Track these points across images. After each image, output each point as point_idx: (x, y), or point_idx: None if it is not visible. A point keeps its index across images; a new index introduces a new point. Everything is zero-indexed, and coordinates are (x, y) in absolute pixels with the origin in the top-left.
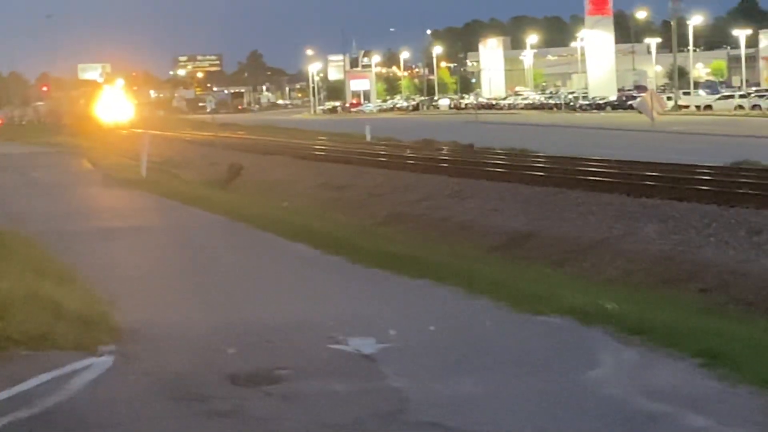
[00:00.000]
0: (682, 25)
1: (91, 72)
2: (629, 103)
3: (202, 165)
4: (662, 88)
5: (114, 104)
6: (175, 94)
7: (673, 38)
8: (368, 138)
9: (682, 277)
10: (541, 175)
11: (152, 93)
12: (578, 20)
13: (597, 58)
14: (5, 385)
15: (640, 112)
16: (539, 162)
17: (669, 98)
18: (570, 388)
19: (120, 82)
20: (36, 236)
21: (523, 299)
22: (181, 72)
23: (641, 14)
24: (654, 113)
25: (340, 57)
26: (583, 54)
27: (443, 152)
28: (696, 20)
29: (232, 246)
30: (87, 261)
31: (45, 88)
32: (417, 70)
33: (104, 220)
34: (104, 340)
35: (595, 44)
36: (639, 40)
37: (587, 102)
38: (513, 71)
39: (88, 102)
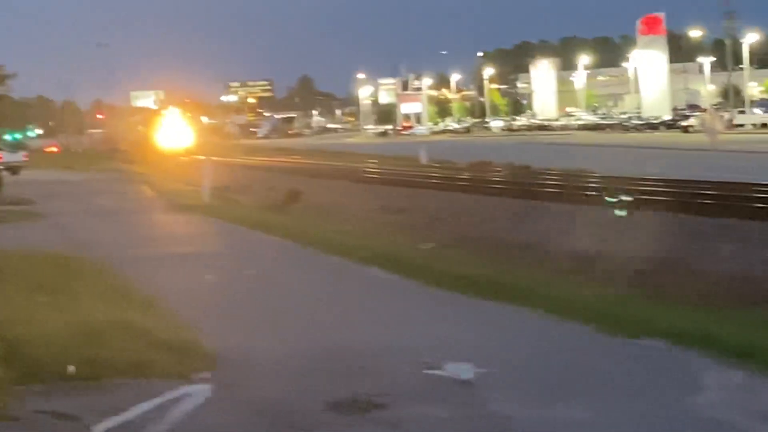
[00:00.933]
0: (734, 44)
1: (144, 99)
2: (682, 123)
3: (260, 190)
4: (716, 107)
5: (174, 130)
6: (227, 120)
7: (728, 57)
8: (423, 161)
9: (765, 298)
10: (602, 196)
11: (204, 119)
12: (628, 40)
13: (650, 77)
14: (107, 414)
15: (699, 131)
16: (602, 183)
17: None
18: (678, 413)
19: (177, 109)
20: (106, 263)
21: (613, 322)
22: (233, 98)
23: (695, 33)
24: (715, 132)
25: (391, 80)
26: (635, 74)
27: (501, 174)
28: (751, 38)
29: (306, 271)
30: (162, 287)
31: (100, 116)
32: (467, 92)
33: (173, 246)
34: (198, 367)
35: (648, 64)
36: (690, 60)
37: (641, 122)
38: (564, 92)
39: (146, 128)
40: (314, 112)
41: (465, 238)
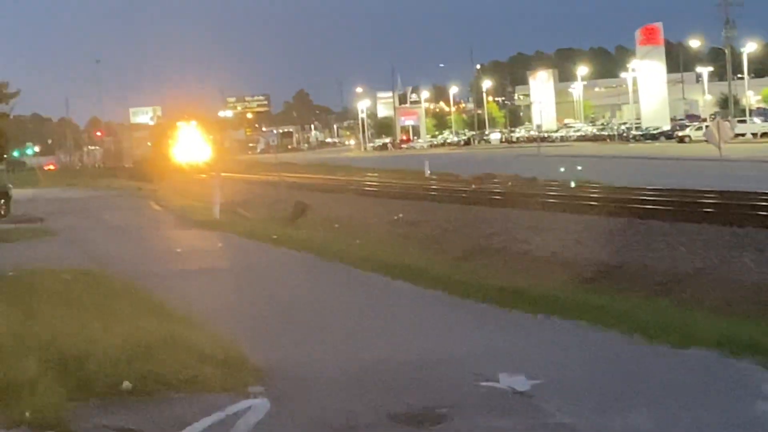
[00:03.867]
0: (732, 53)
1: (143, 115)
2: (679, 133)
3: (266, 204)
4: (713, 116)
5: (192, 145)
6: (226, 135)
7: (728, 66)
8: (427, 173)
9: None
10: (616, 206)
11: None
12: (624, 51)
13: (649, 88)
14: (172, 428)
15: (700, 141)
16: (610, 193)
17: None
18: (743, 421)
19: (194, 122)
20: (129, 278)
21: (654, 331)
22: (229, 113)
23: (694, 43)
24: (721, 142)
25: (389, 94)
26: (634, 84)
27: (507, 186)
28: (750, 48)
29: (333, 284)
30: (194, 302)
31: (99, 133)
32: (464, 104)
33: (193, 261)
34: (250, 381)
35: (647, 74)
36: (687, 69)
37: (640, 132)
38: (562, 103)
39: (156, 144)
40: (311, 126)
41: (479, 249)
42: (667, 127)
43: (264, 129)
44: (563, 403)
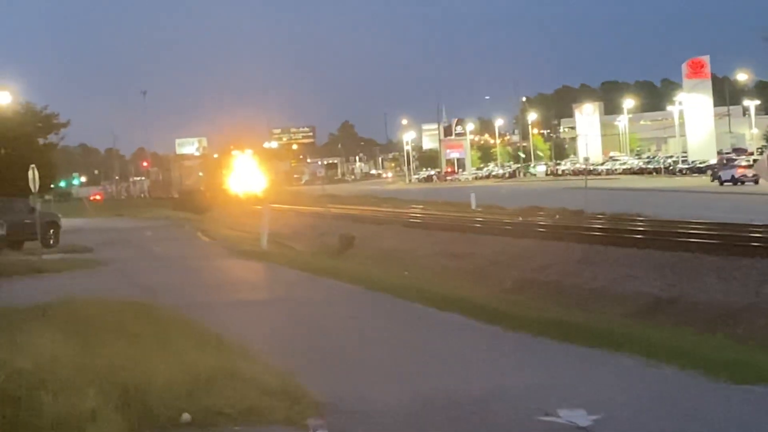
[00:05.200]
0: None
1: (188, 146)
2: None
3: (312, 235)
4: (761, 149)
5: (247, 175)
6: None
7: None
8: (473, 206)
9: None
10: (668, 240)
11: None
12: (670, 84)
13: (695, 121)
14: None
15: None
16: (659, 227)
17: None
18: None
19: (249, 152)
20: (180, 309)
21: (714, 367)
22: (274, 144)
23: (741, 76)
24: None
25: (434, 126)
26: (681, 118)
27: (554, 218)
28: None
29: (384, 316)
30: (247, 333)
31: (145, 163)
32: (509, 137)
33: (242, 292)
34: (309, 414)
35: (694, 107)
36: (734, 103)
37: (687, 166)
38: (607, 136)
39: (209, 174)
40: (356, 158)
41: (529, 282)
42: (713, 160)
43: (309, 160)
44: None
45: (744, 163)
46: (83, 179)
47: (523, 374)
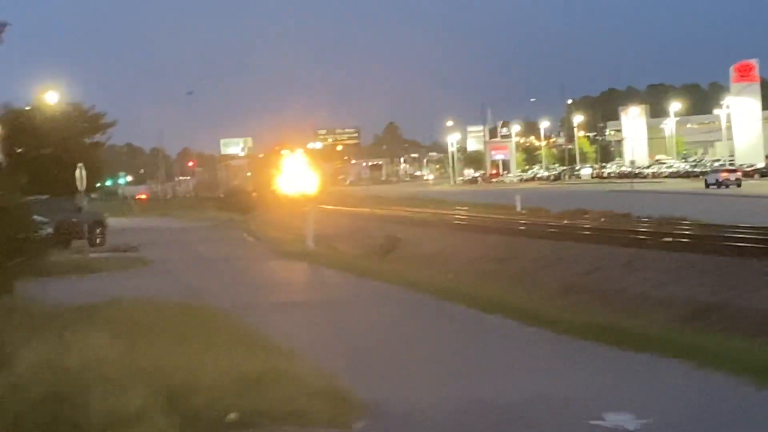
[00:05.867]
0: None
1: (233, 146)
2: None
3: (358, 237)
4: None
5: (298, 176)
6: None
7: None
8: (518, 208)
9: None
10: (715, 245)
11: None
12: (717, 88)
13: (743, 124)
14: None
15: None
16: (706, 231)
17: None
18: None
19: (300, 152)
20: (226, 310)
21: (763, 373)
22: (318, 144)
23: None
24: None
25: (479, 127)
26: (728, 121)
27: (600, 221)
28: None
29: (428, 319)
30: (292, 334)
31: (191, 163)
32: (555, 139)
33: (289, 293)
34: (354, 416)
35: (742, 111)
36: None
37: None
38: (653, 139)
39: (258, 174)
40: (401, 159)
41: (574, 286)
42: (761, 164)
43: (353, 162)
44: None
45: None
46: (129, 178)
47: (569, 378)
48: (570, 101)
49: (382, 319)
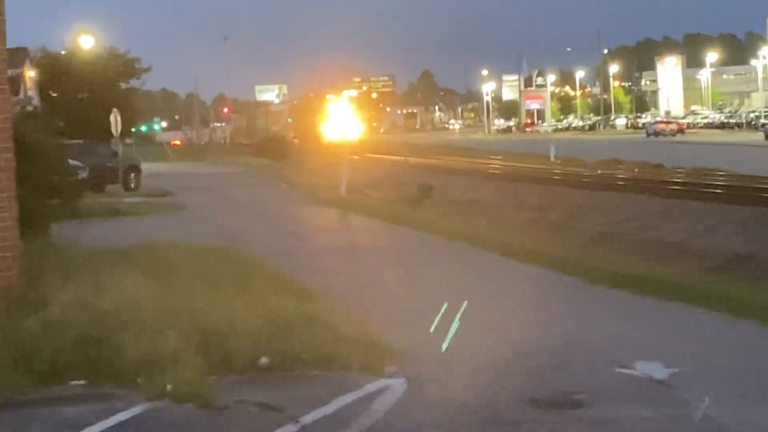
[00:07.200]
0: None
1: (268, 93)
2: None
3: (391, 184)
4: None
5: (343, 122)
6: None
7: None
8: (552, 158)
9: None
10: (745, 195)
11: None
12: (755, 38)
13: None
14: (312, 405)
15: None
16: (739, 182)
17: None
18: None
19: (347, 98)
20: (261, 255)
21: None
22: (353, 92)
23: None
24: None
25: (514, 77)
26: (765, 72)
27: (634, 172)
28: None
29: (463, 266)
30: (325, 280)
31: (226, 110)
32: (590, 89)
33: (321, 239)
34: (387, 361)
35: None
36: None
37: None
38: (689, 90)
39: (300, 120)
40: (436, 107)
41: (608, 235)
42: None
43: (388, 109)
44: (703, 393)
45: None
46: (164, 124)
47: (601, 327)
48: (606, 51)
49: (414, 266)
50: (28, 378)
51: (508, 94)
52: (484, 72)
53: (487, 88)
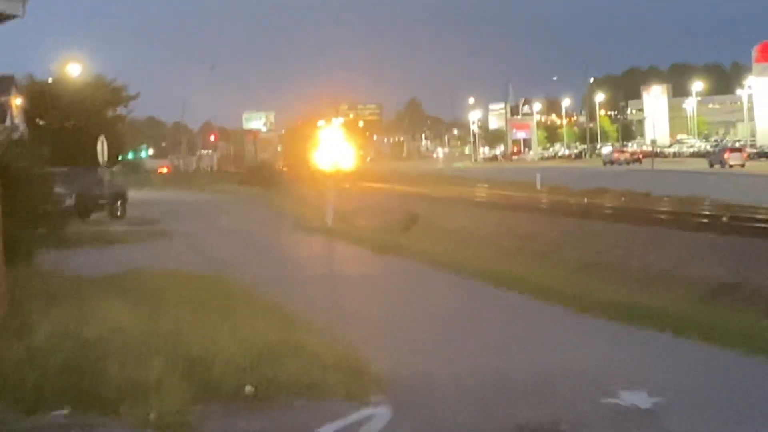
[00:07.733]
0: None
1: (255, 121)
2: None
3: (377, 213)
4: None
5: (336, 150)
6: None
7: None
8: (539, 186)
9: None
10: (734, 224)
11: None
12: (739, 68)
13: (765, 105)
14: None
15: None
16: (726, 210)
17: None
18: None
19: (338, 124)
20: (247, 283)
21: None
22: (340, 119)
23: None
24: None
25: (501, 105)
26: (750, 102)
27: (620, 200)
28: None
29: (448, 295)
30: (311, 308)
31: (213, 137)
32: (576, 117)
33: (309, 267)
34: (372, 389)
35: (763, 92)
36: None
37: (755, 150)
38: (675, 119)
39: (290, 148)
40: (422, 135)
41: (594, 263)
42: None
43: (375, 137)
44: (690, 423)
45: None
46: (151, 151)
47: (585, 355)
48: (592, 80)
49: (398, 294)
50: (12, 407)
51: (495, 122)
52: (471, 100)
53: (474, 117)
